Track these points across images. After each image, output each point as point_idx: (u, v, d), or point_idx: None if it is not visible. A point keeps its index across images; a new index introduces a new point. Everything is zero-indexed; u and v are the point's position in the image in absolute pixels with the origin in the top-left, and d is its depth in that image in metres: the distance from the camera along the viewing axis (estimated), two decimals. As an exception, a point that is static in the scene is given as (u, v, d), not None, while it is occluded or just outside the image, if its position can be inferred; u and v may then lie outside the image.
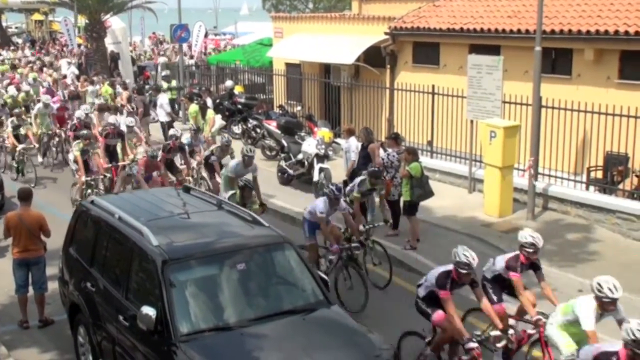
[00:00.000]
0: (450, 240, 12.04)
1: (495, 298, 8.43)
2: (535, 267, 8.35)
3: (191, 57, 32.46)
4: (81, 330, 8.68)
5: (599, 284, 7.06)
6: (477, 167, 15.45)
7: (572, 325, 7.38)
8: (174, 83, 24.46)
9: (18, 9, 52.13)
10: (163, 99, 21.44)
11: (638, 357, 6.03)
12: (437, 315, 7.93)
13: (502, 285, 8.53)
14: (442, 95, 16.55)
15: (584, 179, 14.34)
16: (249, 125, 20.79)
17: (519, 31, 16.33)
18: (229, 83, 23.52)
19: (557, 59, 16.01)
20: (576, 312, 7.28)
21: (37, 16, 59.16)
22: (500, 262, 8.55)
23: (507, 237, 12.68)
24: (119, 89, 24.16)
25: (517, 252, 8.31)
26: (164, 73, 26.00)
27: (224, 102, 22.53)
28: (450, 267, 7.79)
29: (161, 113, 21.06)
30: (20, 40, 56.36)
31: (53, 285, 9.96)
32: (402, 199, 12.84)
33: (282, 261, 7.95)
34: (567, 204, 13.88)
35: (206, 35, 36.71)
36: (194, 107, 19.17)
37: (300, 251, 8.31)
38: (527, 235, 8.26)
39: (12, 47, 47.32)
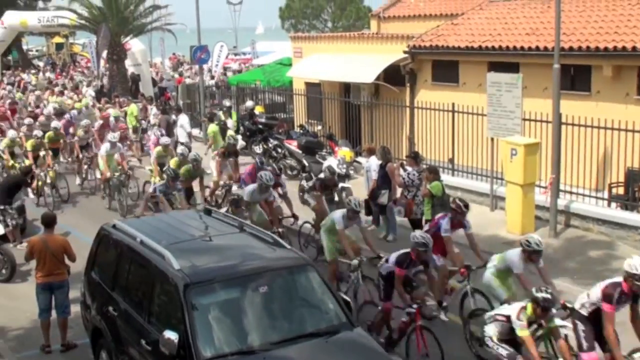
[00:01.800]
0: (473, 258, 11.93)
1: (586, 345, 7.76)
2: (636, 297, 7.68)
3: (212, 77, 32.71)
4: (103, 354, 8.71)
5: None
6: (498, 184, 15.37)
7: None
8: (234, 117, 22.31)
9: (38, 32, 52.84)
10: (183, 119, 21.60)
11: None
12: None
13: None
14: (462, 113, 16.52)
15: (606, 195, 14.22)
16: (270, 145, 20.85)
17: (537, 48, 16.30)
18: (249, 103, 23.62)
19: (576, 75, 15.95)
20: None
21: (57, 39, 60.03)
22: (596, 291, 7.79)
23: (529, 256, 12.55)
24: (155, 110, 24.34)
25: (618, 279, 7.68)
26: (227, 103, 23.91)
27: (244, 122, 22.61)
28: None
29: (181, 133, 21.21)
30: (41, 63, 57.17)
31: (75, 309, 10.00)
32: (423, 218, 12.80)
33: (305, 283, 7.93)
34: (589, 220, 13.76)
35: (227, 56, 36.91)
36: (212, 127, 19.29)
37: (322, 273, 8.30)
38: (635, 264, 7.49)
39: (33, 71, 47.96)
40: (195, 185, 15.06)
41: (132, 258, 8.37)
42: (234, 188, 15.35)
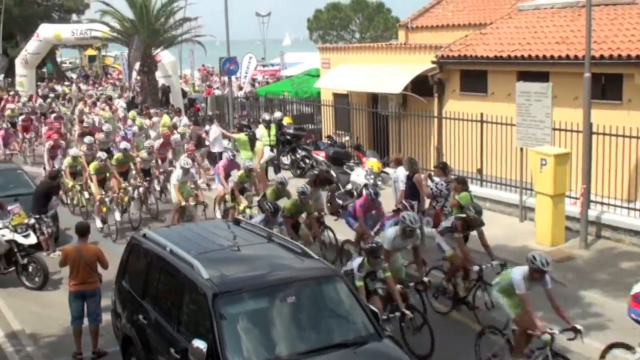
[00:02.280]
0: (502, 270, 11.88)
1: None
2: None
3: (240, 88, 32.95)
4: (134, 362, 8.80)
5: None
6: (527, 195, 15.26)
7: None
8: (273, 130, 21.02)
9: (72, 45, 53.80)
10: (215, 130, 21.77)
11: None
12: None
13: None
14: (491, 123, 16.45)
15: (638, 206, 14.03)
16: (298, 155, 20.97)
17: (567, 57, 16.18)
18: (277, 114, 23.74)
19: (607, 84, 15.78)
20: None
21: (90, 51, 61.06)
22: None
23: (560, 267, 12.46)
24: (184, 120, 24.55)
25: None
26: (267, 117, 21.44)
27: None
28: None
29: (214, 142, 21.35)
30: (74, 75, 58.13)
31: (106, 317, 10.12)
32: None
33: (333, 294, 7.94)
34: (621, 232, 13.61)
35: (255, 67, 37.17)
36: (240, 136, 19.40)
37: (350, 284, 8.30)
38: None
39: (66, 82, 48.73)
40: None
41: (161, 267, 8.46)
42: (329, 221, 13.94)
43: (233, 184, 15.41)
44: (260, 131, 20.62)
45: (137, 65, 32.17)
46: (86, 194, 17.13)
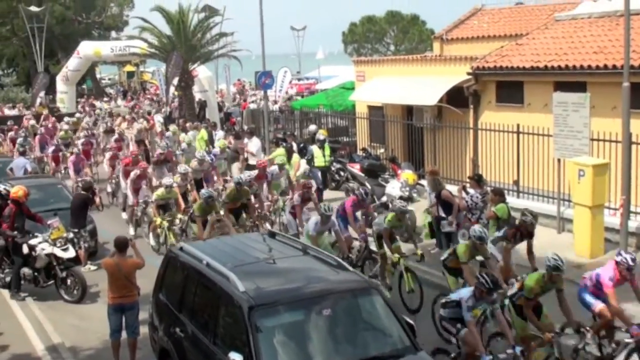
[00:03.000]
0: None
1: None
2: None
3: (275, 102, 33.12)
4: (171, 375, 8.85)
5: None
6: (565, 206, 15.07)
7: None
8: (328, 150, 19.44)
9: (111, 62, 54.71)
10: (255, 142, 21.90)
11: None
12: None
13: None
14: (528, 134, 16.29)
15: (681, 217, 13.78)
16: (333, 168, 20.96)
17: (605, 67, 15.95)
18: (312, 127, 23.82)
19: (646, 93, 15.54)
20: None
21: (128, 68, 62.07)
22: None
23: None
24: (219, 134, 24.70)
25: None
26: (322, 137, 19.84)
27: (308, 146, 22.78)
28: None
29: (250, 157, 21.48)
30: (113, 91, 59.09)
31: (144, 330, 10.23)
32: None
33: (368, 306, 7.93)
34: (663, 243, 13.37)
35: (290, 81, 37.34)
36: (279, 151, 19.45)
37: (386, 296, 8.28)
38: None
39: (105, 98, 49.55)
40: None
41: (198, 280, 8.53)
42: None
43: (381, 229, 12.34)
44: (314, 151, 19.83)
45: (175, 81, 32.53)
46: (170, 235, 15.06)
